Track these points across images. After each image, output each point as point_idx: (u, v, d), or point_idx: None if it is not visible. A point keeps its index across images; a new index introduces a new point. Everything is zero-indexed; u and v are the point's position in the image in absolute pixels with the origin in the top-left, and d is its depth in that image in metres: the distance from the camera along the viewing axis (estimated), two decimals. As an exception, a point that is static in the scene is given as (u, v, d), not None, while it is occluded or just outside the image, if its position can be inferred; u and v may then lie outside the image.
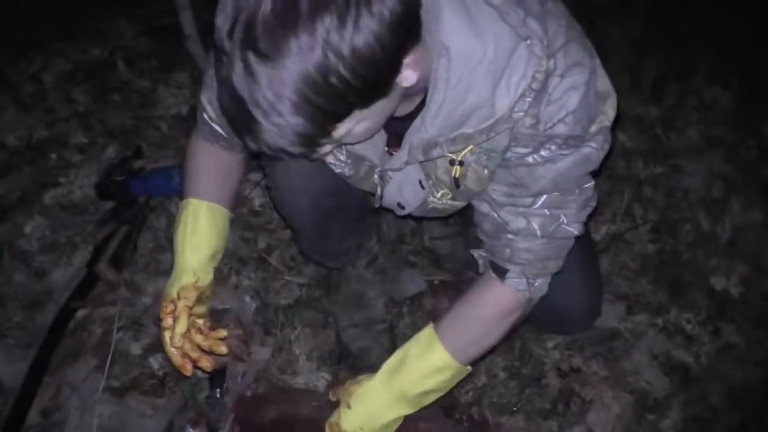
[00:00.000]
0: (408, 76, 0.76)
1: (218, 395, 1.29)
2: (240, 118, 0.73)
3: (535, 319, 1.34)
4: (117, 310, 1.42)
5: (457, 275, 1.53)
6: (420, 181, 1.00)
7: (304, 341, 1.42)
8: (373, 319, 1.42)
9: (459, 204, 1.05)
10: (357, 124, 0.77)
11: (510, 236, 0.98)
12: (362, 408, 1.06)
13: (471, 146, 0.90)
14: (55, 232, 1.62)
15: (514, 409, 1.30)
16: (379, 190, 1.07)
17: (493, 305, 1.05)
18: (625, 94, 1.92)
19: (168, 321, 1.11)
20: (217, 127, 1.12)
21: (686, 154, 1.77)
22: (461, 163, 0.94)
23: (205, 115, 1.12)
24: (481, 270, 1.10)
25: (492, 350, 1.14)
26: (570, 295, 1.20)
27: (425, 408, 1.08)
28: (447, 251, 1.58)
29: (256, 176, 1.68)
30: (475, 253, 1.10)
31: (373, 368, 1.35)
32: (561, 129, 0.86)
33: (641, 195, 1.68)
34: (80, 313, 1.45)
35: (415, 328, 1.43)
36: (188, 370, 1.11)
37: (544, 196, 0.94)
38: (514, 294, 1.03)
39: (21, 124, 1.85)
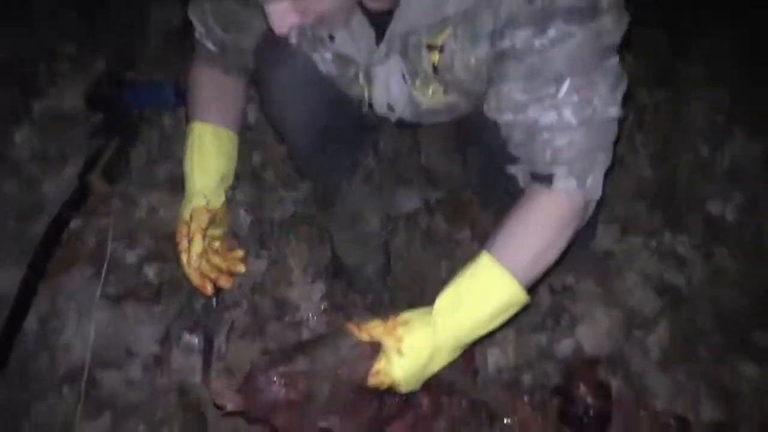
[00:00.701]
0: None
1: (214, 304, 1.30)
2: None
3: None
4: (111, 221, 1.41)
5: (453, 194, 1.52)
6: (403, 75, 0.97)
7: (299, 255, 1.42)
8: (368, 235, 1.41)
9: (453, 100, 1.01)
10: None
11: (545, 135, 0.90)
12: (415, 357, 0.92)
13: (449, 29, 0.87)
14: (46, 142, 1.60)
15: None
16: (366, 92, 1.05)
17: (547, 216, 0.93)
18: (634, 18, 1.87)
19: (184, 243, 1.12)
20: (210, 45, 1.11)
21: (692, 83, 1.74)
22: (441, 49, 0.90)
23: (197, 34, 1.11)
24: (522, 184, 0.99)
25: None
26: None
27: None
28: (444, 170, 1.56)
29: (249, 91, 1.64)
30: (512, 168, 0.99)
31: (367, 283, 1.39)
32: (564, 1, 0.81)
33: (643, 121, 1.65)
34: (74, 224, 1.44)
35: (410, 245, 1.45)
36: (208, 290, 1.14)
37: (567, 81, 0.86)
38: (568, 199, 0.93)
39: (7, 38, 1.79)
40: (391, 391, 0.96)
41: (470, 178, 1.50)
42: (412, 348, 0.92)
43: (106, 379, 1.22)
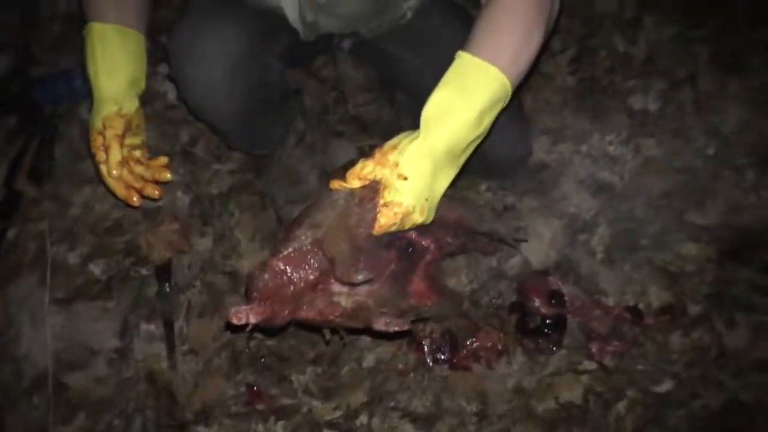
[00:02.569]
0: None
1: (167, 288, 1.30)
2: None
3: (471, 171, 1.37)
4: (46, 224, 1.39)
5: (387, 138, 1.51)
6: None
7: (244, 225, 1.42)
8: (308, 193, 1.42)
9: None
10: None
11: None
12: (418, 174, 0.86)
13: None
14: (-37, 158, 1.54)
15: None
16: None
17: (522, 8, 0.89)
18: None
19: (101, 155, 1.07)
20: None
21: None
22: None
23: None
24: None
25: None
26: (500, 140, 1.13)
27: None
28: (373, 116, 1.56)
29: (165, 68, 1.59)
30: None
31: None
32: None
33: (558, 26, 1.65)
34: (10, 233, 1.41)
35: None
36: (135, 201, 1.09)
37: None
38: None
39: None
40: (404, 234, 0.91)
41: (401, 120, 1.51)
42: (412, 168, 0.86)
43: (73, 381, 1.23)
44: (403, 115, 1.50)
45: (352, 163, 1.41)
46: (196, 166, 1.50)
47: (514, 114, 1.23)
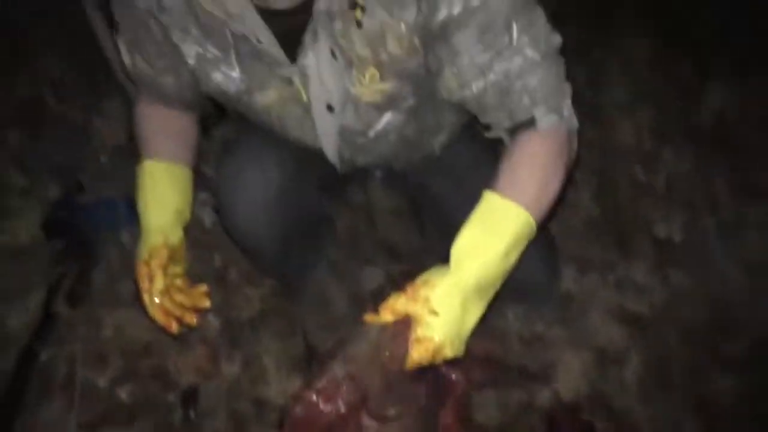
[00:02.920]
0: None
1: (192, 415, 1.29)
2: None
3: (499, 297, 1.37)
4: (79, 347, 1.41)
5: (416, 264, 1.54)
6: (332, 51, 0.95)
7: (273, 351, 1.43)
8: (338, 319, 1.44)
9: (393, 89, 1.01)
10: None
11: (518, 83, 0.93)
12: (449, 310, 0.88)
13: None
14: (7, 279, 1.59)
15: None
16: (303, 95, 1.03)
17: (540, 153, 0.95)
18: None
19: (146, 283, 1.11)
20: (142, 77, 1.13)
21: (616, 111, 1.82)
22: (363, 9, 0.89)
23: (128, 67, 1.12)
24: (506, 141, 1.00)
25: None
26: (530, 266, 1.17)
27: None
28: (403, 242, 1.60)
29: (204, 196, 1.68)
30: (492, 133, 1.01)
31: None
32: None
33: (579, 157, 1.72)
34: (43, 355, 1.43)
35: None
36: (174, 328, 1.11)
37: (514, 25, 0.90)
38: (554, 133, 0.96)
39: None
40: (434, 367, 0.92)
41: (431, 245, 1.54)
42: (443, 303, 0.88)
43: None
44: (433, 242, 1.53)
45: (381, 291, 1.46)
46: (228, 290, 1.53)
47: (542, 242, 1.25)
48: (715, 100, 1.80)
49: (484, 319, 0.95)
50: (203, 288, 1.14)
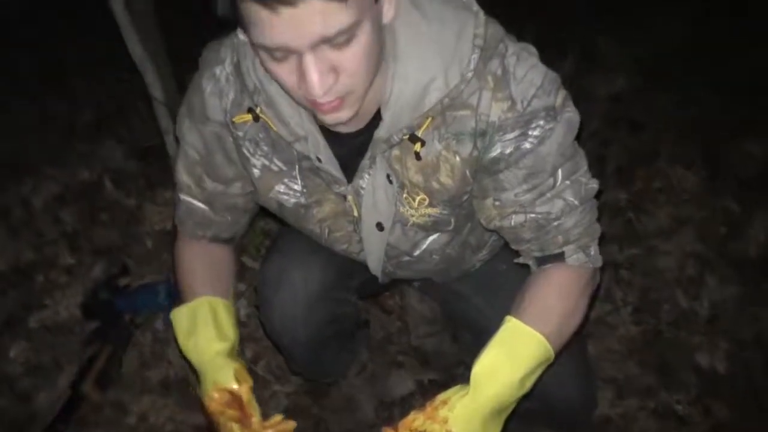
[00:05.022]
0: (388, 9, 0.81)
1: None
2: None
3: (535, 421, 1.33)
4: (101, 432, 1.40)
5: (446, 373, 1.52)
6: (388, 176, 0.98)
7: (297, 451, 1.39)
8: (364, 424, 1.41)
9: (439, 214, 1.03)
10: (360, 25, 0.76)
11: (555, 223, 0.97)
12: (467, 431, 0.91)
13: (429, 120, 0.91)
14: (40, 354, 1.62)
15: None
16: (355, 211, 1.05)
17: (565, 286, 0.99)
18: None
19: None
20: (196, 203, 1.11)
21: (658, 235, 1.82)
22: (423, 143, 0.93)
23: (182, 196, 1.11)
24: (533, 268, 1.04)
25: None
26: (565, 389, 1.17)
27: None
28: (435, 349, 1.58)
29: (241, 286, 1.71)
30: (520, 259, 1.05)
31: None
32: (538, 103, 0.89)
33: (619, 278, 1.71)
34: (65, 438, 1.42)
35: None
36: None
37: (560, 172, 0.95)
38: (581, 270, 1.00)
39: (9, 248, 1.89)
40: None
41: (463, 356, 1.52)
42: (461, 425, 0.89)
43: None
44: (466, 351, 1.51)
45: (410, 398, 1.42)
46: (256, 384, 1.46)
47: (580, 364, 1.23)
48: (759, 232, 1.79)
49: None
50: (278, 417, 1.06)
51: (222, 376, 1.03)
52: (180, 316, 1.09)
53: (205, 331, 1.06)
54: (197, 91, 1.02)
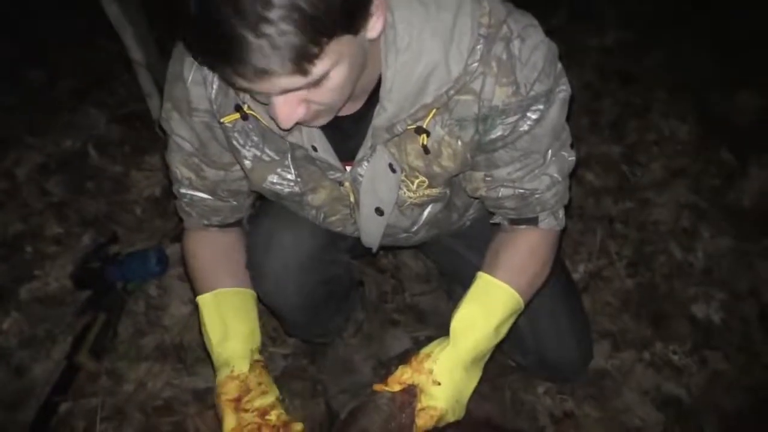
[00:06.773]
0: (375, 23, 0.77)
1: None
2: (222, 44, 0.67)
3: (529, 370, 1.34)
4: (99, 401, 1.39)
5: (442, 329, 1.51)
6: (390, 165, 0.97)
7: (294, 412, 1.39)
8: (361, 384, 1.41)
9: (437, 192, 1.04)
10: (335, 67, 0.74)
11: (538, 196, 1.02)
12: (451, 381, 0.97)
13: (434, 111, 0.89)
14: (33, 326, 1.60)
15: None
16: (352, 197, 1.04)
17: (536, 246, 1.06)
18: (587, 135, 1.98)
19: (221, 421, 1.02)
20: (199, 194, 1.09)
21: (652, 188, 1.81)
22: (428, 134, 0.92)
23: (182, 190, 1.09)
24: (503, 226, 1.10)
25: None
26: (561, 343, 1.21)
27: None
28: (430, 306, 1.58)
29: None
30: (494, 219, 1.11)
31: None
32: (539, 87, 0.89)
33: (614, 232, 1.70)
34: (63, 407, 1.42)
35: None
36: None
37: (550, 150, 0.98)
38: (551, 232, 1.07)
39: (-6, 219, 1.86)
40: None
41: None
42: (445, 375, 0.97)
43: None
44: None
45: (406, 354, 1.42)
46: None
47: (575, 316, 1.25)
48: (753, 183, 1.78)
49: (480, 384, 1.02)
50: (298, 426, 1.05)
51: (217, 387, 1.05)
52: (209, 316, 1.09)
53: (211, 333, 1.08)
54: (178, 81, 0.97)
